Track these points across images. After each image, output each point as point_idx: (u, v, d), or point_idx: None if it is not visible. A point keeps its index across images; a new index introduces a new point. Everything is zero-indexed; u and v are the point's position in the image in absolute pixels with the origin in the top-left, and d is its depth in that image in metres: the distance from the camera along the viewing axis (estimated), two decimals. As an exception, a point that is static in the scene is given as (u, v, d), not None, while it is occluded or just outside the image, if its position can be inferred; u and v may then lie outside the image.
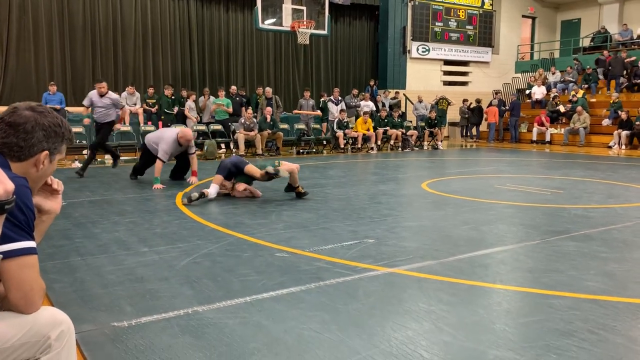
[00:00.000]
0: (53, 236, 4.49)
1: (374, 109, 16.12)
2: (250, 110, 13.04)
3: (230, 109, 13.67)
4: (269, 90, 14.64)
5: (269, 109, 13.57)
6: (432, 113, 16.33)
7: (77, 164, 10.40)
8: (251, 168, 6.49)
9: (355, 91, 16.67)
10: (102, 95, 8.53)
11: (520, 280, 3.46)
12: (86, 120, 9.39)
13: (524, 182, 8.10)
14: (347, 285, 3.31)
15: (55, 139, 1.57)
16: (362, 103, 16.14)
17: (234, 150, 13.21)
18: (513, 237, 4.64)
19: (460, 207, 6.03)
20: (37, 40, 14.37)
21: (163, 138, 7.56)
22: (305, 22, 13.41)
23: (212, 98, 14.11)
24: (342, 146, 14.27)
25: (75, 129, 12.09)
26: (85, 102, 8.72)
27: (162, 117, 13.51)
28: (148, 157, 7.91)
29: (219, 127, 13.58)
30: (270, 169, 6.34)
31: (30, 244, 1.42)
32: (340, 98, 15.53)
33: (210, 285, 3.34)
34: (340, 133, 14.25)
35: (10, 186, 0.79)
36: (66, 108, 12.97)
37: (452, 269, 3.67)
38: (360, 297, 3.11)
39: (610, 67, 18.57)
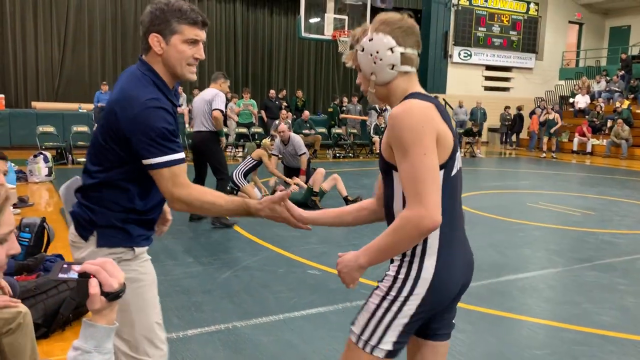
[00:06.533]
0: (108, 242, 4.94)
1: None
2: (289, 114, 13.42)
3: (256, 111, 13.98)
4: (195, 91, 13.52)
5: (306, 112, 13.92)
6: (475, 127, 16.20)
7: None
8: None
9: None
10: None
11: (536, 311, 3.68)
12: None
13: (556, 201, 8.18)
14: (372, 308, 3.60)
15: (160, 20, 1.74)
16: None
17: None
18: (536, 264, 4.84)
19: (489, 227, 6.23)
20: (92, 40, 15.12)
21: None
22: (346, 32, 13.68)
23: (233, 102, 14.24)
24: (378, 151, 14.48)
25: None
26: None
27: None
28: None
29: (259, 129, 13.98)
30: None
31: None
32: (385, 107, 15.71)
33: (248, 300, 3.69)
34: (376, 138, 14.49)
35: (122, 277, 1.10)
36: (116, 107, 13.60)
37: (472, 295, 3.91)
38: (383, 321, 3.40)
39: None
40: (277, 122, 13.42)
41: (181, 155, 1.75)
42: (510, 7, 20.82)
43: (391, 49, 1.57)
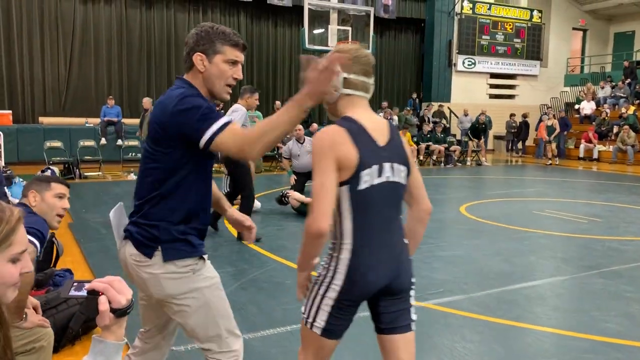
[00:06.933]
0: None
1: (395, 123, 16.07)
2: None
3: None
4: (146, 100, 12.30)
5: (314, 125, 14.00)
6: (482, 116, 16.18)
7: (133, 176, 11.06)
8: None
9: (384, 104, 16.72)
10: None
11: (543, 320, 3.68)
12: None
13: (563, 208, 8.17)
14: (379, 318, 3.62)
15: (205, 41, 1.91)
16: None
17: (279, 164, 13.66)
18: (543, 272, 4.83)
19: (495, 236, 6.23)
20: (98, 55, 15.27)
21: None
22: (350, 43, 13.81)
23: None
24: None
25: (131, 143, 12.82)
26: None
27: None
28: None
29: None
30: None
31: None
32: (391, 117, 15.82)
33: (255, 312, 3.72)
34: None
35: (130, 294, 1.14)
36: (122, 120, 13.70)
37: (479, 304, 3.93)
38: (390, 331, 3.41)
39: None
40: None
41: (225, 118, 1.83)
42: (513, 15, 20.87)
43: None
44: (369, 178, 1.80)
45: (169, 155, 1.86)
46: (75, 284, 1.15)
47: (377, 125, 1.87)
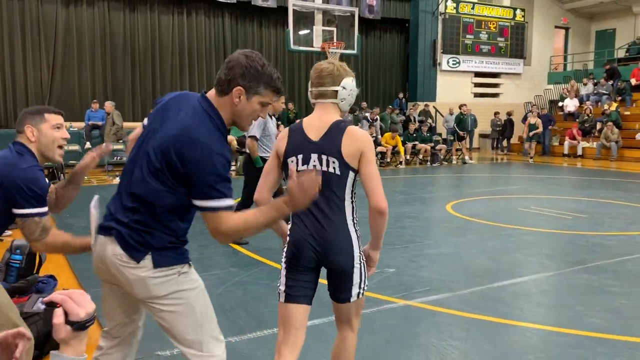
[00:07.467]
0: (101, 261, 4.93)
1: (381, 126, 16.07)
2: (282, 126, 13.46)
3: None
4: (108, 104, 12.90)
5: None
6: (464, 107, 16.34)
7: (118, 180, 10.97)
8: None
9: (364, 104, 16.85)
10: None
11: (528, 316, 3.71)
12: None
13: (548, 204, 8.24)
14: (366, 318, 3.61)
15: (251, 79, 1.88)
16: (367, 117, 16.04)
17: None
18: (528, 269, 4.87)
19: (481, 234, 6.26)
20: (81, 59, 15.13)
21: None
22: (335, 43, 13.80)
23: None
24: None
25: (116, 146, 12.70)
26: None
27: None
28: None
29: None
30: None
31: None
32: (377, 117, 15.85)
33: (242, 315, 3.70)
34: (369, 148, 14.53)
35: (91, 308, 1.10)
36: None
37: (466, 302, 3.94)
38: (377, 330, 3.42)
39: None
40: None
41: (230, 202, 1.86)
42: (497, 14, 21.03)
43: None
44: (293, 165, 2.20)
45: (170, 180, 1.87)
46: (40, 298, 1.13)
47: (317, 124, 2.21)
